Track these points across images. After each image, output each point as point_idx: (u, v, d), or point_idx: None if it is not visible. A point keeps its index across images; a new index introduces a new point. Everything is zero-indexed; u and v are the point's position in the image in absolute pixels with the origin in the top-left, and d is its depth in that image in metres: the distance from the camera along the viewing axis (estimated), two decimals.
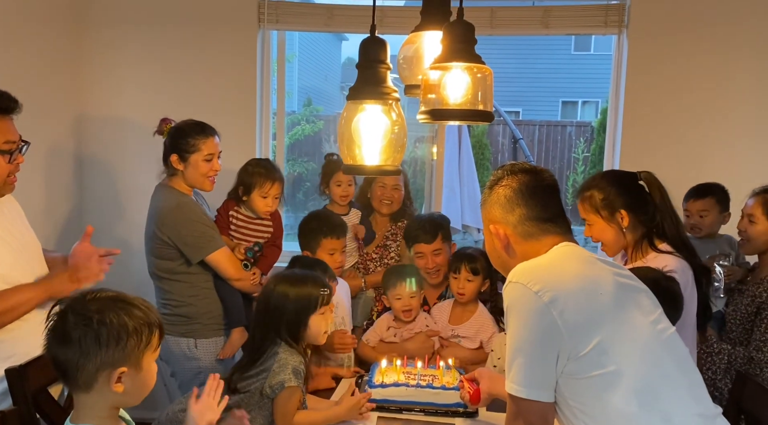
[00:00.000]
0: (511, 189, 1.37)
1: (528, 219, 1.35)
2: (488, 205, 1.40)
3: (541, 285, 1.23)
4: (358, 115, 1.38)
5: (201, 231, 2.21)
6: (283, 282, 1.82)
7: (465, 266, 2.31)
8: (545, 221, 1.36)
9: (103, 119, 3.10)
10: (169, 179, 2.28)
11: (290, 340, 1.75)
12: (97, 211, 3.16)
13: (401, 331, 2.36)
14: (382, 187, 2.71)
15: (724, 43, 2.78)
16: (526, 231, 1.36)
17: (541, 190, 1.38)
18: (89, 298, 1.18)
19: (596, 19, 2.92)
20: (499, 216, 1.37)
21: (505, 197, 1.37)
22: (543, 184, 1.39)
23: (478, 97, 1.31)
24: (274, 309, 1.78)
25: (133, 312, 1.18)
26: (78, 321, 1.14)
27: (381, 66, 1.37)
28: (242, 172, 2.39)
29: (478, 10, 2.99)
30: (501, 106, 11.40)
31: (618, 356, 1.21)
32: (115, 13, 3.06)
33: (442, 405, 1.89)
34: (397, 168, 1.40)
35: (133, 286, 2.99)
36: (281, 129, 3.25)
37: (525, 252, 1.36)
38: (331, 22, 3.07)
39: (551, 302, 1.21)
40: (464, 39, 1.30)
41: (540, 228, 1.35)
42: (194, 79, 3.06)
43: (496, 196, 1.38)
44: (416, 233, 2.48)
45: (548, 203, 1.37)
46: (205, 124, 2.27)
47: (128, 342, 1.15)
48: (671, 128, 2.85)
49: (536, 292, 1.22)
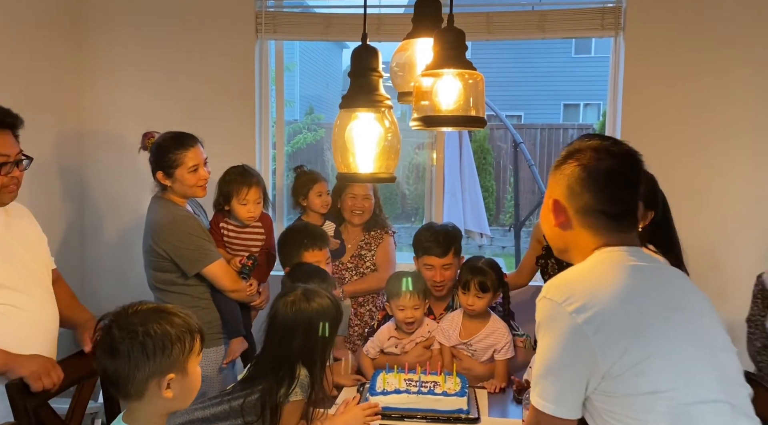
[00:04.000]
0: (588, 170, 1.22)
1: (593, 211, 1.23)
2: (557, 177, 1.27)
3: (577, 305, 1.14)
4: (351, 123, 1.39)
5: (196, 245, 2.21)
6: (313, 300, 1.68)
7: (474, 282, 2.20)
8: (610, 217, 1.23)
9: (103, 130, 3.12)
10: (162, 192, 2.29)
11: (319, 363, 1.66)
12: (97, 223, 3.18)
13: (403, 342, 2.31)
14: (352, 198, 2.70)
15: (720, 44, 2.78)
16: (585, 222, 1.24)
17: (623, 182, 1.24)
18: (131, 312, 1.24)
19: (593, 22, 2.92)
20: (565, 194, 1.25)
21: (577, 178, 1.23)
22: (626, 175, 1.24)
23: (470, 102, 1.31)
24: (309, 331, 1.65)
25: (174, 320, 1.23)
26: (124, 335, 1.20)
27: (373, 74, 1.38)
28: (220, 182, 2.37)
29: (474, 16, 3.00)
30: (503, 110, 11.39)
31: (656, 378, 1.13)
32: (112, 26, 3.09)
33: (444, 411, 1.88)
34: (391, 175, 1.40)
35: (133, 298, 3.03)
36: (281, 138, 3.26)
37: (577, 240, 1.26)
38: (328, 30, 3.08)
39: (586, 323, 1.13)
40: (455, 45, 1.31)
41: (602, 223, 1.23)
42: (194, 90, 3.08)
43: (570, 170, 1.24)
44: (428, 245, 2.37)
45: (623, 198, 1.24)
46: (184, 135, 2.25)
47: (173, 349, 1.20)
48: (669, 129, 2.84)
49: (570, 313, 1.14)
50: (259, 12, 3.05)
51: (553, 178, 1.28)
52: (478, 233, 4.80)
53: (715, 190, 2.83)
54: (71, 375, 1.84)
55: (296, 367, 1.66)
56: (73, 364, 1.87)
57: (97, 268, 3.20)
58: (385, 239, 2.78)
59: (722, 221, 2.84)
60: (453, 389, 1.93)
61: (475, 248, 7.17)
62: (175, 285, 2.27)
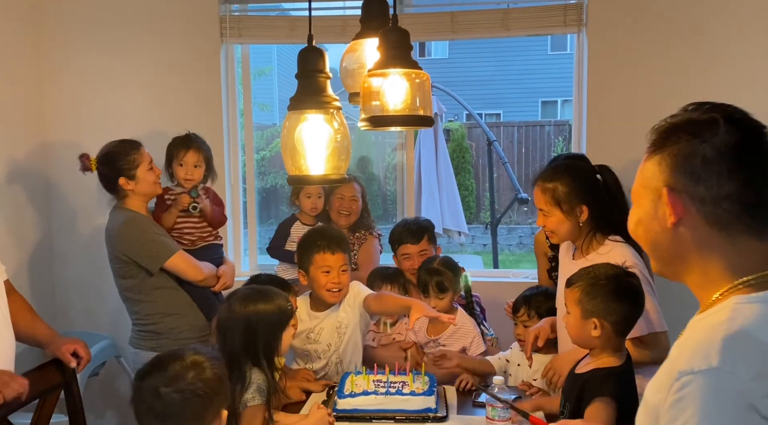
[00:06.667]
0: (721, 149, 0.88)
1: (739, 204, 0.89)
2: (669, 159, 0.93)
3: (755, 372, 0.80)
4: (300, 125, 1.38)
5: (152, 240, 2.25)
6: (250, 302, 1.71)
7: (432, 284, 2.23)
8: (757, 210, 0.90)
9: (67, 138, 3.06)
10: (120, 201, 2.33)
11: (264, 361, 1.67)
12: (66, 234, 3.14)
13: (380, 336, 2.35)
14: (340, 199, 2.72)
15: (684, 38, 2.80)
16: (722, 221, 0.90)
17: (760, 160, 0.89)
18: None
19: (555, 19, 2.93)
20: (684, 184, 0.91)
21: (705, 158, 0.89)
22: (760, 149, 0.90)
23: (417, 102, 1.31)
24: (248, 330, 1.68)
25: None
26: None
27: (320, 75, 1.38)
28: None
29: (438, 15, 3.01)
30: (482, 108, 11.47)
31: None
32: (74, 30, 3.05)
33: (412, 411, 1.87)
34: (342, 176, 1.40)
35: (106, 311, 3.00)
36: (250, 142, 3.24)
37: (699, 248, 0.92)
38: (293, 33, 3.07)
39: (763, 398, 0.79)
40: (399, 45, 1.31)
41: (744, 221, 0.90)
42: (159, 95, 3.05)
43: (692, 148, 0.90)
44: (402, 235, 2.48)
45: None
46: (129, 140, 2.33)
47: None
48: (634, 122, 2.86)
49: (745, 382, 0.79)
50: (224, 16, 3.03)
51: (654, 161, 0.97)
52: (456, 231, 4.83)
53: None
54: (33, 389, 1.81)
55: (245, 369, 1.66)
56: (35, 378, 1.84)
57: (66, 281, 3.15)
58: (369, 239, 2.80)
59: None
60: (421, 388, 1.92)
61: (456, 247, 7.20)
62: (141, 292, 2.30)
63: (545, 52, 11.64)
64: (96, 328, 2.95)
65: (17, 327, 1.86)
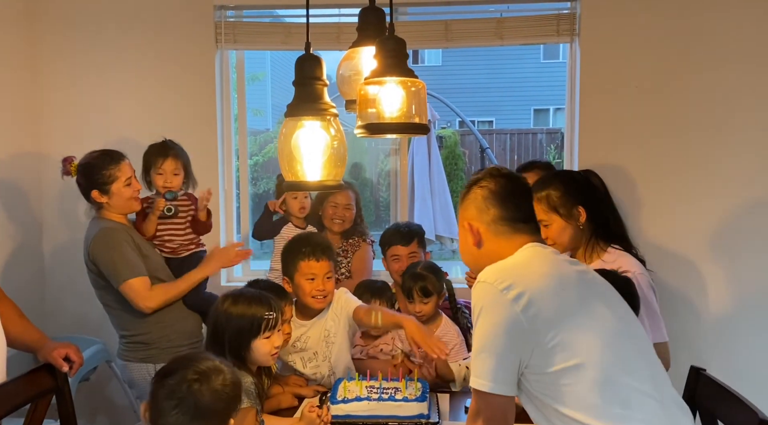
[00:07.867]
0: (489, 190, 1.46)
1: (501, 219, 1.44)
2: (466, 203, 1.49)
3: (507, 283, 1.31)
4: (297, 132, 1.39)
5: (118, 258, 2.16)
6: (227, 302, 1.75)
7: (416, 289, 2.25)
8: (517, 221, 1.44)
9: (61, 141, 3.06)
10: (98, 212, 2.28)
11: (236, 361, 1.68)
12: (57, 238, 3.12)
13: (367, 348, 2.34)
14: (334, 207, 2.73)
15: (675, 47, 2.85)
16: (498, 230, 1.44)
17: (517, 194, 1.47)
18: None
19: (549, 29, 2.97)
20: (475, 215, 1.46)
21: (482, 197, 1.46)
22: (518, 188, 1.49)
23: (413, 110, 1.33)
24: (217, 328, 1.74)
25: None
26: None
27: (317, 82, 1.39)
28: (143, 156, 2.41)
29: (432, 24, 3.03)
30: (475, 116, 11.52)
31: (581, 350, 1.28)
32: (68, 35, 3.05)
33: (405, 417, 1.88)
34: (338, 182, 1.41)
35: (96, 316, 2.98)
36: (244, 147, 3.25)
37: (495, 249, 1.44)
38: (289, 40, 3.08)
39: (516, 299, 1.29)
40: (396, 54, 1.32)
41: (512, 228, 1.44)
42: (154, 100, 3.05)
43: (474, 195, 1.47)
44: (392, 238, 2.51)
45: (521, 205, 1.47)
46: (112, 152, 2.25)
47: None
48: (626, 131, 2.90)
49: (502, 290, 1.30)
50: (219, 22, 3.04)
51: (461, 207, 1.50)
52: (449, 238, 4.84)
53: (669, 189, 2.89)
54: (24, 394, 1.80)
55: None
56: (26, 382, 1.83)
57: (57, 286, 3.13)
58: (362, 247, 2.80)
59: (678, 218, 2.90)
60: (414, 394, 1.93)
61: (449, 253, 7.21)
62: (120, 302, 2.22)
63: (538, 60, 11.73)
64: (87, 333, 2.94)
65: (8, 332, 1.84)
